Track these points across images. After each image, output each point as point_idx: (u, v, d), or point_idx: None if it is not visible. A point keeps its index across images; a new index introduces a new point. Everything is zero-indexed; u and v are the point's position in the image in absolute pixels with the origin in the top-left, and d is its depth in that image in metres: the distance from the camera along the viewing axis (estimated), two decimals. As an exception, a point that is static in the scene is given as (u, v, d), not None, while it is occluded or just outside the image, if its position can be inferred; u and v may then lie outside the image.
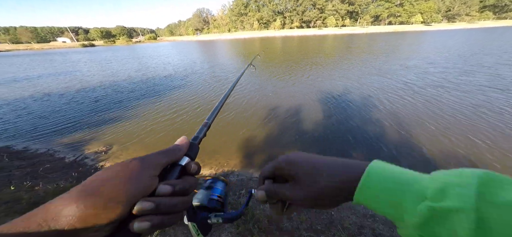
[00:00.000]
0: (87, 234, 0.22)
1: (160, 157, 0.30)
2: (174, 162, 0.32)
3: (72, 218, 0.21)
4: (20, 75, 14.17)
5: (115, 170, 0.26)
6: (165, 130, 4.68)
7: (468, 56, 11.13)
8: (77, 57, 28.88)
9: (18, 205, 2.29)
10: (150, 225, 0.26)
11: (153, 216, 0.26)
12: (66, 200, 0.22)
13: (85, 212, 0.22)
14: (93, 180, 0.25)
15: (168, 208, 0.28)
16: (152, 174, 0.28)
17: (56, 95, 8.11)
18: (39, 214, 0.21)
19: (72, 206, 0.22)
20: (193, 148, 0.35)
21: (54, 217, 0.21)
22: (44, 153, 3.94)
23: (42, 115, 6.01)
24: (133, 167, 0.27)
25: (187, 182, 0.31)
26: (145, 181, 0.27)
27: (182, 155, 0.33)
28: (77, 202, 0.22)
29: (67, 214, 0.21)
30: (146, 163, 0.28)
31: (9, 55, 43.43)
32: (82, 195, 0.23)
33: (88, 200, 0.23)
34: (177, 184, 0.29)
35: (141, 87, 8.59)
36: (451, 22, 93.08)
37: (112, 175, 0.25)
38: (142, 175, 0.27)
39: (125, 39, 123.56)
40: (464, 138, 3.58)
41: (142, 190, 0.26)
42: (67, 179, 3.05)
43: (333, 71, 9.35)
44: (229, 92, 0.61)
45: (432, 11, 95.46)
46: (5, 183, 2.76)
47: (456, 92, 5.77)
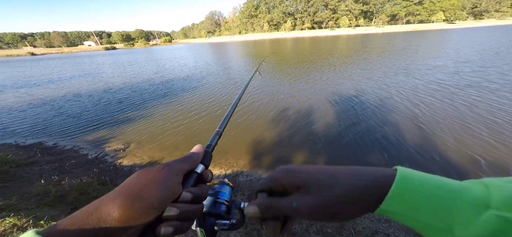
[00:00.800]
0: (124, 234, 0.25)
1: (182, 165, 0.31)
2: (191, 169, 0.33)
3: (119, 221, 0.24)
4: (54, 76, 15.48)
5: (151, 177, 0.28)
6: (182, 131, 4.81)
7: (506, 54, 10.22)
8: (102, 59, 30.97)
9: (47, 198, 2.49)
10: (173, 230, 0.27)
11: (175, 222, 0.28)
12: (115, 204, 0.24)
13: (130, 216, 0.24)
14: (135, 184, 0.27)
15: (188, 214, 0.29)
16: (178, 181, 0.30)
17: (84, 96, 8.74)
18: (94, 215, 0.24)
19: (121, 210, 0.24)
20: (207, 156, 0.37)
21: (105, 219, 0.24)
22: (70, 150, 4.26)
23: (72, 114, 6.51)
24: (165, 174, 0.28)
25: (202, 190, 0.33)
26: (173, 188, 0.28)
27: (198, 163, 0.34)
28: (126, 208, 0.24)
29: (115, 217, 0.24)
30: (173, 171, 0.30)
31: (45, 58, 47.67)
32: (129, 200, 0.25)
33: (134, 205, 0.25)
34: (195, 192, 0.31)
35: (160, 89, 8.97)
36: (478, 19, 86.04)
37: (149, 181, 0.27)
38: (171, 182, 0.28)
39: (142, 42, 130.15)
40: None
41: (171, 196, 0.28)
42: (89, 174, 3.26)
43: (353, 72, 9.07)
44: (237, 101, 0.63)
45: (456, 8, 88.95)
46: (37, 177, 3.02)
47: (504, 92, 5.27)
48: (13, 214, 1.92)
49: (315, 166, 0.30)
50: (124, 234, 0.25)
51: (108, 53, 57.97)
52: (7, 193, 2.46)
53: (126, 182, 0.27)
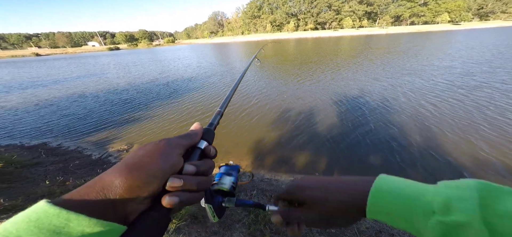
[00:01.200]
0: (131, 204, 0.26)
1: (182, 140, 0.33)
2: (194, 145, 0.35)
3: (121, 189, 0.25)
4: (60, 77, 15.69)
5: (149, 148, 0.29)
6: (185, 130, 4.85)
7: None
8: (107, 60, 31.28)
9: (52, 198, 2.52)
10: (179, 200, 0.28)
11: (181, 193, 0.29)
12: (116, 173, 0.26)
13: (131, 184, 0.25)
14: (134, 156, 0.28)
15: (194, 186, 0.30)
16: (179, 153, 0.31)
17: (88, 97, 8.83)
18: (97, 184, 0.25)
19: (122, 178, 0.25)
20: (209, 133, 0.38)
21: (108, 187, 0.24)
22: (74, 150, 4.32)
23: (76, 115, 6.58)
24: (163, 146, 0.30)
25: (207, 164, 0.34)
26: (174, 159, 0.29)
27: (199, 138, 0.36)
28: (126, 175, 0.25)
29: (117, 185, 0.25)
30: (173, 144, 0.31)
31: (50, 59, 48.42)
32: (128, 169, 0.26)
33: (133, 174, 0.26)
34: (200, 165, 0.32)
35: (164, 89, 9.02)
36: (484, 21, 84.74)
37: (148, 152, 0.28)
38: (171, 153, 0.29)
39: (146, 42, 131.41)
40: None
41: (172, 167, 0.29)
42: (93, 175, 3.29)
43: (359, 73, 9.00)
44: (237, 84, 0.65)
45: (461, 10, 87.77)
46: (41, 177, 3.06)
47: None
48: (18, 214, 1.94)
49: (316, 180, 0.36)
50: (131, 203, 0.26)
51: (112, 53, 58.69)
52: (13, 194, 2.50)
53: (128, 156, 0.29)
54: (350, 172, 3.13)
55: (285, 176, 3.10)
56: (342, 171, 3.17)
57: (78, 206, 0.23)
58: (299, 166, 3.33)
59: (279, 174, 3.17)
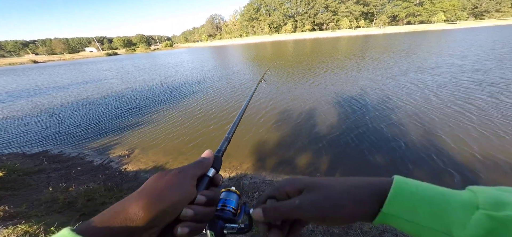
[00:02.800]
0: (147, 232, 0.27)
1: (196, 169, 0.33)
2: (203, 174, 0.35)
3: (143, 221, 0.26)
4: (61, 84, 15.65)
5: (169, 179, 0.30)
6: (186, 136, 4.86)
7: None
8: (107, 65, 31.16)
9: (55, 205, 2.54)
10: (188, 231, 0.29)
11: (191, 223, 0.29)
12: (140, 205, 0.26)
13: (153, 215, 0.26)
14: (155, 187, 0.29)
15: (202, 216, 0.31)
16: (193, 184, 0.32)
17: (89, 103, 8.85)
18: (121, 214, 0.26)
19: (145, 210, 0.26)
20: (218, 161, 0.39)
21: (131, 218, 0.26)
22: (75, 157, 4.33)
23: (76, 121, 6.60)
24: (181, 178, 0.30)
25: (214, 193, 0.35)
26: (189, 191, 0.30)
27: (209, 167, 0.36)
28: (149, 207, 0.26)
29: (140, 216, 0.26)
30: (189, 175, 0.32)
31: (50, 66, 48.07)
32: (152, 201, 0.27)
33: (157, 206, 0.27)
34: (208, 195, 0.33)
35: (163, 94, 9.05)
36: (478, 20, 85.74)
37: (167, 184, 0.29)
38: (187, 185, 0.30)
39: (144, 47, 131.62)
40: None
41: (188, 198, 0.30)
42: (95, 181, 3.31)
43: (359, 73, 9.10)
44: (244, 108, 0.66)
45: (456, 9, 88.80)
46: (44, 184, 3.08)
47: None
48: (24, 221, 1.96)
49: (317, 177, 0.32)
50: (146, 233, 0.27)
51: (110, 58, 58.66)
52: (17, 201, 2.51)
53: (147, 185, 0.29)
54: (351, 173, 3.17)
55: (287, 177, 3.12)
56: (342, 171, 3.21)
57: (98, 234, 0.24)
58: (301, 167, 3.36)
59: (281, 175, 3.20)
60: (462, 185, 2.52)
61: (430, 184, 0.25)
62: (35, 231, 1.86)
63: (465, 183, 2.63)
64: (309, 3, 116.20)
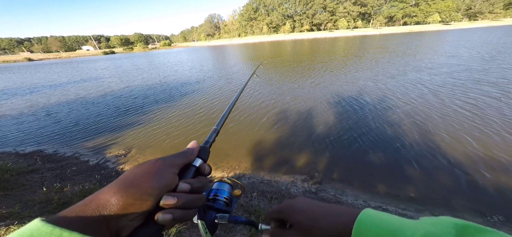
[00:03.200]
0: (125, 221, 0.27)
1: (178, 159, 0.34)
2: (189, 163, 0.36)
3: (116, 207, 0.26)
4: (58, 81, 15.43)
5: (145, 167, 0.30)
6: (184, 135, 4.83)
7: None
8: (104, 64, 30.73)
9: (50, 205, 2.49)
10: (172, 218, 0.29)
11: (174, 210, 0.30)
12: (111, 191, 0.27)
13: (126, 201, 0.27)
14: (130, 175, 0.29)
15: (187, 203, 0.31)
16: (173, 172, 0.32)
17: (85, 102, 8.73)
18: (93, 202, 0.26)
19: (117, 196, 0.27)
20: (205, 152, 0.39)
21: (103, 205, 0.26)
22: (70, 157, 4.26)
23: (72, 120, 6.49)
24: (159, 165, 0.31)
25: (201, 181, 0.35)
26: (168, 178, 0.31)
27: (194, 157, 0.37)
28: (121, 193, 0.27)
29: (113, 203, 0.26)
30: (168, 163, 0.32)
31: (46, 64, 47.26)
32: (123, 187, 0.27)
33: (128, 191, 0.27)
34: (193, 183, 0.34)
35: (162, 93, 8.98)
36: (472, 21, 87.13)
37: (144, 172, 0.30)
38: (166, 173, 0.31)
39: (142, 46, 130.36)
40: None
41: (167, 185, 0.30)
42: (91, 181, 3.26)
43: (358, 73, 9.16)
44: (235, 101, 0.65)
45: (451, 10, 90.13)
46: (38, 184, 3.01)
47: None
48: (17, 222, 1.92)
49: (305, 206, 0.36)
50: (125, 220, 0.27)
51: (107, 57, 57.82)
52: (10, 202, 2.46)
53: (124, 174, 0.30)
54: (349, 172, 3.18)
55: (285, 177, 3.13)
56: (342, 171, 3.22)
57: (72, 223, 0.23)
58: (298, 167, 3.35)
59: (279, 175, 3.19)
60: (467, 187, 2.52)
61: (390, 217, 0.27)
62: (28, 232, 1.82)
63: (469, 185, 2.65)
64: (308, 3, 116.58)
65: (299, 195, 2.63)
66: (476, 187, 2.65)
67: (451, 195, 2.58)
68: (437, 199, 2.54)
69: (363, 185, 2.86)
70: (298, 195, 2.70)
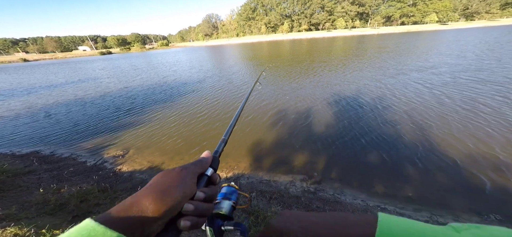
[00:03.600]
0: (156, 225, 0.29)
1: (196, 168, 0.36)
2: (203, 173, 0.38)
3: (153, 212, 0.29)
4: (58, 81, 15.30)
5: (174, 176, 0.33)
6: (182, 135, 4.80)
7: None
8: (102, 64, 30.49)
9: (47, 206, 2.47)
10: (190, 224, 0.32)
11: (192, 217, 0.32)
12: (150, 198, 0.29)
13: (161, 209, 0.29)
14: (162, 182, 0.32)
15: (202, 211, 0.33)
16: (194, 181, 0.35)
17: (82, 103, 8.67)
18: (135, 205, 0.29)
19: (156, 203, 0.29)
20: (215, 161, 0.41)
21: (143, 210, 0.28)
22: (68, 157, 4.22)
23: (69, 121, 6.44)
24: (183, 175, 0.33)
25: (212, 190, 0.37)
26: (191, 187, 0.33)
27: (208, 166, 0.39)
28: (159, 201, 0.29)
29: (152, 209, 0.29)
30: (190, 172, 0.35)
31: (42, 64, 46.55)
32: (160, 195, 0.30)
33: (164, 199, 0.30)
34: (207, 192, 0.36)
35: (160, 94, 8.94)
36: (469, 21, 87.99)
37: (173, 180, 0.32)
38: (189, 182, 0.33)
39: (139, 46, 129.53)
40: None
41: (189, 194, 0.33)
42: (89, 182, 3.23)
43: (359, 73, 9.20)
44: (240, 110, 0.67)
45: (448, 10, 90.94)
46: (35, 185, 2.99)
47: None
48: (13, 223, 1.90)
49: (299, 223, 0.33)
50: (155, 224, 0.29)
51: (104, 58, 57.34)
52: (6, 203, 2.43)
53: (154, 181, 0.32)
54: (348, 172, 3.19)
55: (284, 177, 3.13)
56: (340, 170, 3.23)
57: (116, 224, 0.26)
58: (297, 167, 3.36)
59: (278, 175, 3.20)
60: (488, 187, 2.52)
61: (413, 221, 0.26)
62: (25, 234, 1.80)
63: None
64: (306, 3, 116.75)
65: (298, 197, 2.63)
66: (473, 186, 2.68)
67: (449, 195, 2.60)
68: (435, 199, 2.56)
69: (362, 185, 2.87)
70: (298, 196, 2.71)
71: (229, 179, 3.19)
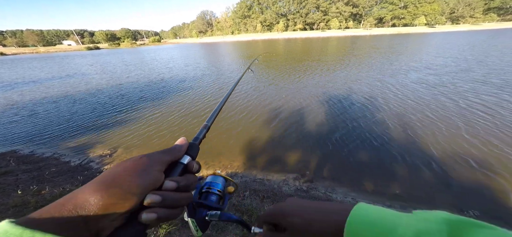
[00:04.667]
0: (106, 221, 0.25)
1: (164, 155, 0.33)
2: (176, 161, 0.34)
3: (96, 207, 0.24)
4: (39, 77, 14.50)
5: (128, 165, 0.29)
6: (173, 133, 4.69)
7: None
8: (91, 60, 29.17)
9: (26, 209, 2.31)
10: (156, 217, 0.28)
11: (159, 209, 0.29)
12: (90, 190, 0.25)
13: (107, 201, 0.25)
14: (111, 173, 0.28)
15: (173, 202, 0.30)
16: (159, 169, 0.31)
17: (64, 99, 8.26)
18: (70, 202, 0.24)
19: (97, 195, 0.25)
20: (194, 148, 0.37)
21: (81, 205, 0.24)
22: (49, 157, 3.99)
23: (51, 119, 6.10)
24: (143, 162, 0.29)
25: (189, 179, 0.34)
26: (154, 176, 0.29)
27: (182, 154, 0.35)
28: (101, 192, 0.25)
29: (92, 202, 0.24)
30: (154, 160, 0.31)
31: (23, 59, 43.94)
32: (104, 186, 0.26)
33: (109, 190, 0.26)
34: (181, 181, 0.32)
35: (150, 90, 8.69)
36: (455, 24, 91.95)
37: (127, 169, 0.28)
38: (151, 170, 0.29)
39: (129, 41, 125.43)
40: None
41: (152, 183, 0.29)
42: (73, 182, 3.07)
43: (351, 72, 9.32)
44: (227, 97, 0.62)
45: (436, 13, 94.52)
46: (12, 187, 2.79)
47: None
48: (-16, 230, 1.75)
49: (298, 207, 0.35)
50: (105, 220, 0.25)
51: (90, 53, 54.71)
52: (-22, 207, 2.25)
53: (105, 173, 0.28)
54: (339, 170, 3.22)
55: (277, 176, 3.11)
56: (332, 169, 3.25)
57: (46, 225, 0.22)
58: (290, 165, 3.35)
59: (271, 173, 3.18)
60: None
61: (385, 211, 0.27)
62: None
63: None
64: (301, 2, 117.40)
65: (291, 196, 2.62)
66: (454, 184, 2.77)
67: (433, 192, 2.69)
68: (420, 196, 2.64)
69: (352, 183, 2.91)
70: (291, 194, 2.70)
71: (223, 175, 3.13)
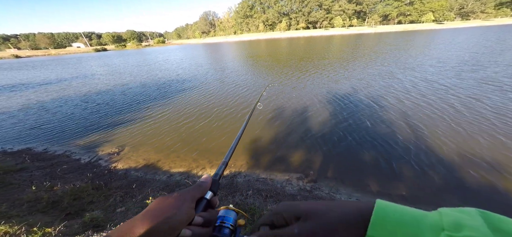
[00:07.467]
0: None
1: (195, 193, 0.37)
2: (201, 196, 0.39)
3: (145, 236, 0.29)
4: (51, 78, 15.01)
5: (171, 202, 0.33)
6: (178, 133, 4.77)
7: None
8: (100, 61, 29.88)
9: (39, 204, 2.42)
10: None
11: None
12: (144, 225, 0.30)
13: (154, 234, 0.29)
14: (158, 209, 0.32)
15: (200, 236, 0.34)
16: (192, 206, 0.35)
17: (76, 99, 8.52)
18: (129, 233, 0.29)
19: (149, 231, 0.29)
20: (215, 184, 0.41)
21: (135, 235, 0.29)
22: (61, 155, 4.15)
23: (63, 119, 6.32)
24: (181, 199, 0.34)
25: (212, 214, 0.38)
26: (188, 212, 0.34)
27: (207, 190, 0.40)
28: (152, 228, 0.29)
29: (142, 234, 0.29)
30: (189, 197, 0.35)
31: (37, 61, 45.13)
32: (154, 221, 0.30)
33: (159, 227, 0.30)
34: (206, 216, 0.36)
35: (156, 91, 8.85)
36: (465, 20, 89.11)
37: (169, 206, 0.33)
38: (187, 207, 0.34)
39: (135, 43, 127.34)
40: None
41: (187, 219, 0.33)
42: (83, 179, 3.19)
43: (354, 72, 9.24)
44: (241, 133, 0.68)
45: (444, 9, 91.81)
46: (27, 183, 2.93)
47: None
48: (4, 221, 1.86)
49: (310, 201, 0.34)
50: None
51: (99, 55, 55.96)
52: (-3, 201, 2.38)
53: (150, 207, 0.33)
54: (343, 171, 3.22)
55: (280, 176, 3.13)
56: (336, 169, 3.25)
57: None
58: (294, 165, 3.36)
59: (275, 173, 3.20)
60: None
61: (406, 207, 0.27)
62: (16, 232, 1.77)
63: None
64: (303, 1, 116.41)
65: (294, 196, 2.64)
66: (461, 185, 2.73)
67: (440, 193, 2.64)
68: (426, 197, 2.60)
69: (356, 183, 2.89)
70: (294, 194, 2.71)
71: (225, 177, 3.18)
